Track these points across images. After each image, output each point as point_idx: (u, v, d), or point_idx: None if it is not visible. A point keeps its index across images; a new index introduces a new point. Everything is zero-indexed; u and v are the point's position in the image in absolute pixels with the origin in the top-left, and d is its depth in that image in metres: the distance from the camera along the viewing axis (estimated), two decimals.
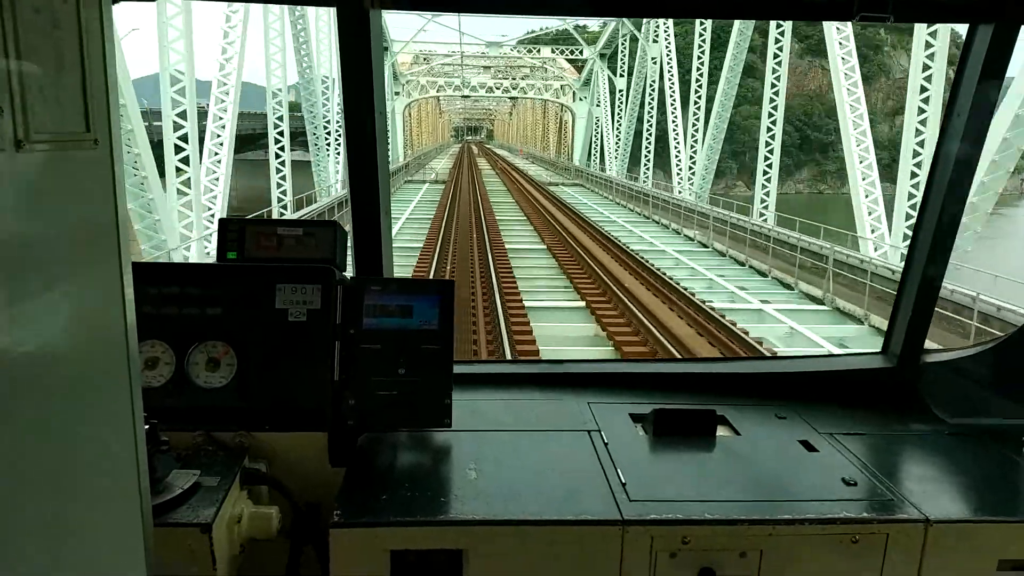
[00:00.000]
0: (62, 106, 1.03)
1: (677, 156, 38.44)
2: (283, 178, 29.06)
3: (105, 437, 1.15)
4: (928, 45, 19.32)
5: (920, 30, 19.91)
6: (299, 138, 36.60)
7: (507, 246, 23.46)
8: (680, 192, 36.24)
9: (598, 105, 59.19)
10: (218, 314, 2.01)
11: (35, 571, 1.00)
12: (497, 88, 68.48)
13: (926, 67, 19.54)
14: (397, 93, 62.61)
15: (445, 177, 56.01)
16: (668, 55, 40.07)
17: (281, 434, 1.95)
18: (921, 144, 19.82)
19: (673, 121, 39.09)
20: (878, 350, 2.65)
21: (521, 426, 2.23)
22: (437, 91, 69.23)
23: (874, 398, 2.51)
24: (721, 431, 2.24)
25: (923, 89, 19.65)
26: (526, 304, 15.49)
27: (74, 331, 1.07)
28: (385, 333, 2.06)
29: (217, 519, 1.62)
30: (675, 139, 38.87)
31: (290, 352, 2.00)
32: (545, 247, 23.76)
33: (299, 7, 26.89)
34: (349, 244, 2.26)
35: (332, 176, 34.53)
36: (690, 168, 36.34)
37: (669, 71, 39.83)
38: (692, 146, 36.41)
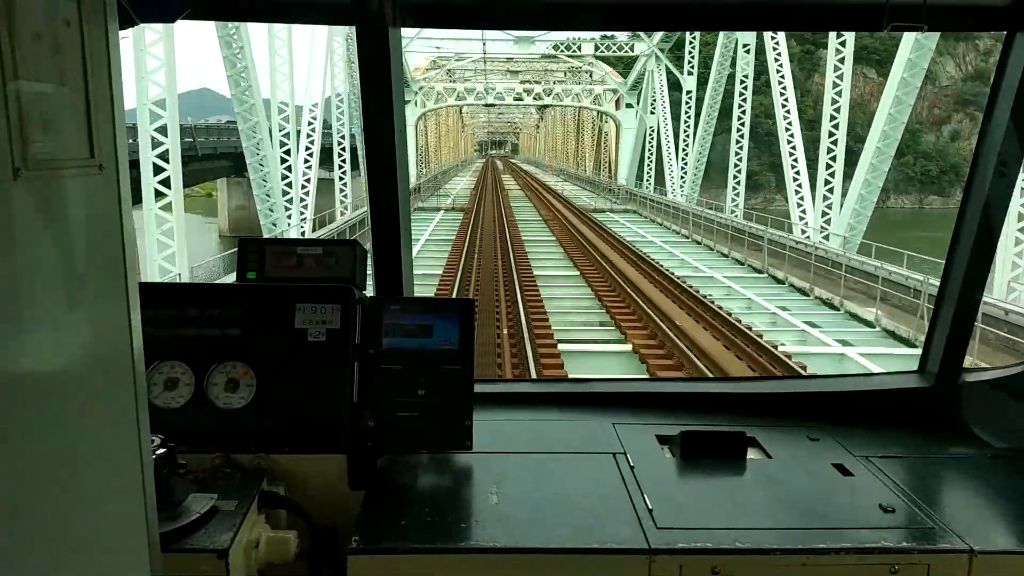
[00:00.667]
0: (64, 132, 1.03)
1: (797, 180, 27.05)
2: (168, 234, 17.58)
3: (111, 463, 1.15)
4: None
5: None
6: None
7: (560, 346, 13.08)
8: (806, 233, 25.32)
9: (652, 112, 48.69)
10: (237, 335, 2.00)
11: None
12: (527, 94, 58.14)
13: None
14: (408, 102, 52.76)
15: (465, 202, 45.84)
16: (774, 41, 29.05)
17: (300, 456, 1.92)
18: None
19: (787, 130, 28.10)
20: (914, 369, 2.55)
21: (544, 448, 2.18)
22: (456, 98, 58.95)
23: (911, 419, 2.42)
24: (752, 454, 2.16)
25: None
26: None
27: (81, 356, 1.08)
28: (405, 353, 2.04)
29: (234, 544, 1.60)
30: (791, 155, 27.74)
31: (309, 373, 1.98)
32: (630, 349, 13.31)
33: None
34: (369, 263, 2.23)
35: (296, 216, 24.27)
36: (825, 198, 25.30)
37: (776, 61, 28.80)
38: (829, 166, 25.37)
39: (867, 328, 16.07)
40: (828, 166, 25.23)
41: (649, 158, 49.71)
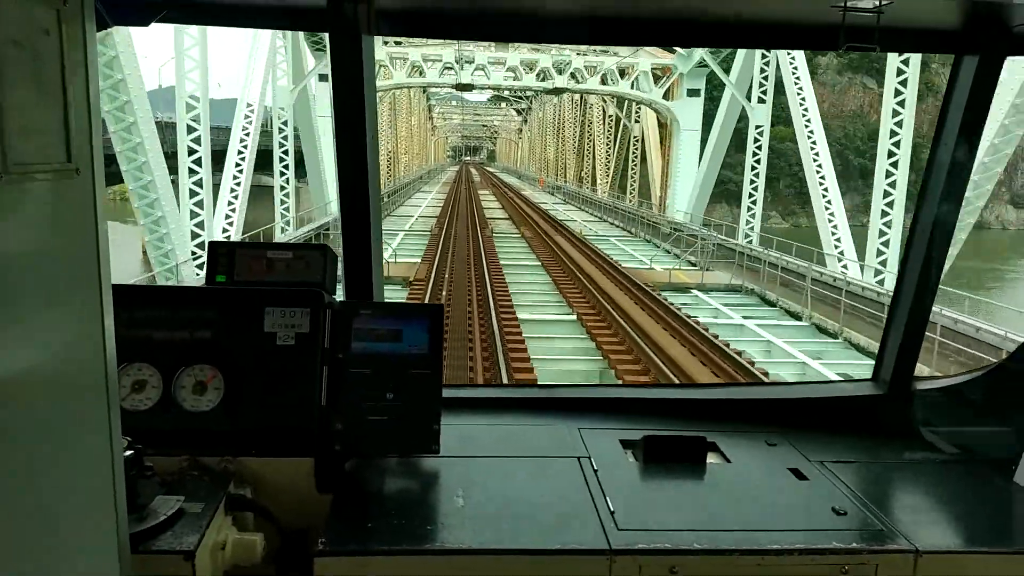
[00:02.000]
0: (43, 138, 1.06)
1: None
2: None
3: (82, 464, 1.17)
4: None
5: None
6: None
7: None
8: None
9: (762, 100, 27.98)
10: (206, 337, 2.01)
11: None
12: (528, 70, 36.68)
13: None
14: (324, 78, 30.99)
15: (416, 260, 24.90)
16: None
17: (268, 459, 1.93)
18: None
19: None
20: (869, 377, 2.66)
21: (510, 452, 2.22)
22: (409, 74, 37.23)
23: (865, 425, 2.51)
24: (711, 458, 2.23)
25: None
26: None
27: (54, 357, 1.10)
28: (374, 357, 2.05)
29: (200, 546, 1.61)
30: None
31: (278, 376, 1.99)
32: None
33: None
34: (339, 268, 2.27)
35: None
36: None
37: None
38: None
39: None
40: None
41: (753, 180, 28.78)
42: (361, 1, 2.00)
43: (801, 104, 25.31)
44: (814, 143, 25.10)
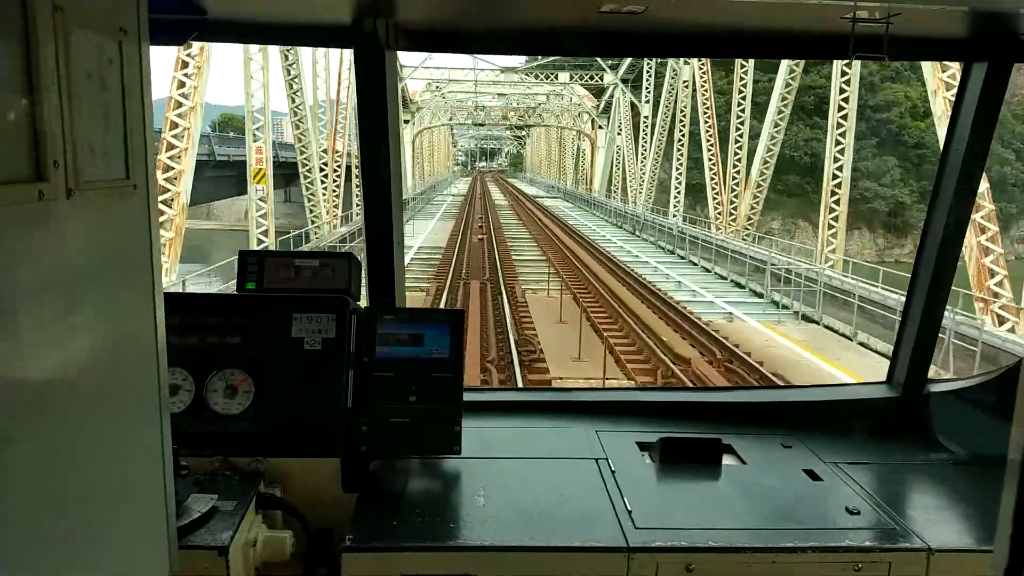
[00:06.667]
0: (107, 158, 1.16)
1: None
2: None
3: (135, 460, 1.22)
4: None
5: None
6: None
7: None
8: None
9: None
10: (236, 343, 2.10)
11: None
12: None
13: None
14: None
15: None
16: None
17: (296, 460, 2.02)
18: None
19: None
20: (883, 380, 2.68)
21: (529, 453, 2.30)
22: None
23: (879, 428, 2.55)
24: (727, 460, 2.28)
25: None
26: None
27: (111, 358, 1.16)
28: (397, 361, 2.14)
29: (233, 542, 1.67)
30: None
31: (305, 380, 2.09)
32: None
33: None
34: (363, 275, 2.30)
35: None
36: None
37: None
38: None
39: None
40: None
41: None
42: (383, 19, 2.13)
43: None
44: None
